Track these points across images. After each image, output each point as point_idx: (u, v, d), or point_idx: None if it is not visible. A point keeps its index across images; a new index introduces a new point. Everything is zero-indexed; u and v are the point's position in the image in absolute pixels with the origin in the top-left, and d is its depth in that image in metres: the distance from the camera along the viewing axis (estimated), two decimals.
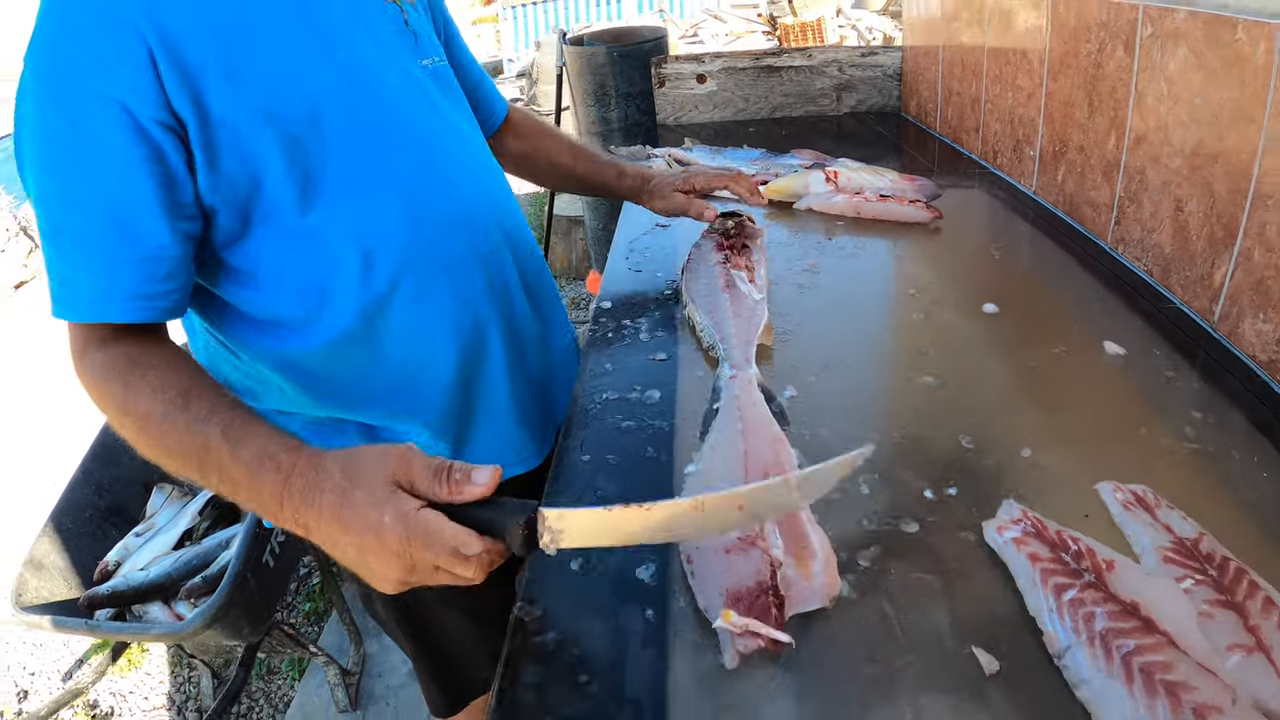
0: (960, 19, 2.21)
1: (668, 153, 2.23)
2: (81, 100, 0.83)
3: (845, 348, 1.26)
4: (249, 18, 0.91)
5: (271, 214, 0.96)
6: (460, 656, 1.35)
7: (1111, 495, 0.87)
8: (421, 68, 1.12)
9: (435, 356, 1.09)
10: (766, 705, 0.69)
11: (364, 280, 1.01)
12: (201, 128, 0.88)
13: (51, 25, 0.85)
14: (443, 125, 1.11)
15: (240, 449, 0.80)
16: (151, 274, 0.89)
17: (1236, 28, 1.15)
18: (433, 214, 1.06)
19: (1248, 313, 1.18)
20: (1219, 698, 0.63)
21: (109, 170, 0.85)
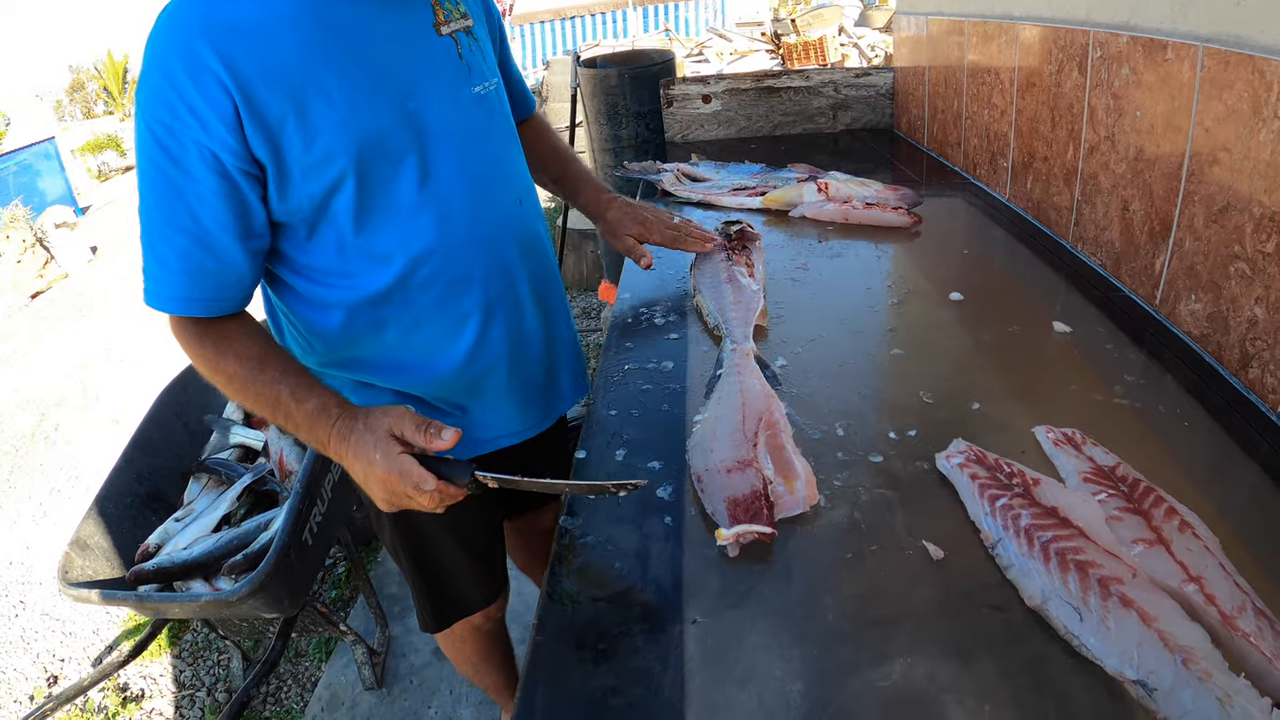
0: (943, 43, 2.40)
1: (676, 167, 2.40)
2: (182, 145, 1.04)
3: (828, 328, 1.44)
4: (317, 69, 1.08)
5: (331, 231, 1.17)
6: (450, 580, 1.58)
7: (1045, 435, 1.04)
8: (472, 95, 1.26)
9: (447, 346, 1.29)
10: (759, 582, 0.89)
11: (399, 283, 1.21)
12: (277, 169, 1.09)
13: (155, 78, 1.03)
14: (482, 152, 1.27)
15: (303, 404, 1.10)
16: (223, 281, 1.13)
17: (1167, 49, 1.33)
18: (461, 235, 1.24)
19: (1183, 295, 1.34)
20: (1121, 572, 0.80)
21: (199, 201, 1.07)
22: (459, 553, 1.55)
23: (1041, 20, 1.79)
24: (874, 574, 0.88)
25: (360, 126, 1.11)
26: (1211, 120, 1.24)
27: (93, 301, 8.64)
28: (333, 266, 1.20)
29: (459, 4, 1.29)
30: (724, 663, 0.80)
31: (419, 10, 1.21)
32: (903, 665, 0.77)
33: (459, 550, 1.54)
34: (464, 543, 1.54)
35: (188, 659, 2.86)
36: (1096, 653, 0.74)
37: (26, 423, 5.66)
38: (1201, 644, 0.72)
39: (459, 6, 1.29)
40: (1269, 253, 1.13)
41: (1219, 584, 0.78)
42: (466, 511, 1.27)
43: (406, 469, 1.00)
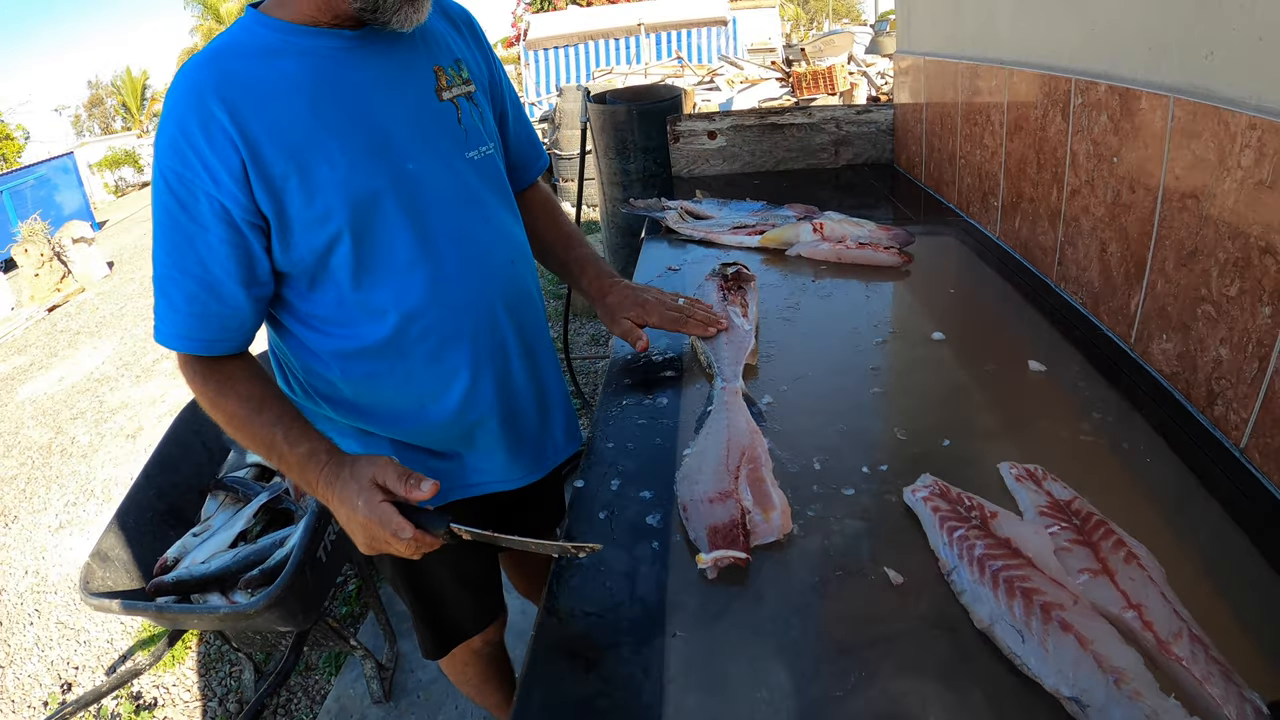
0: (938, 83, 2.49)
1: (680, 205, 2.49)
2: (193, 195, 1.14)
3: (814, 367, 1.51)
4: (320, 131, 1.17)
5: (330, 283, 1.26)
6: (447, 608, 1.64)
7: (1008, 471, 1.11)
8: (466, 160, 1.34)
9: (439, 398, 1.37)
10: (734, 602, 0.97)
11: (393, 338, 1.30)
12: (279, 223, 1.18)
13: (172, 130, 1.13)
14: (476, 214, 1.36)
15: (295, 447, 1.19)
16: (226, 324, 1.22)
17: (1141, 99, 1.41)
18: (452, 294, 1.31)
19: (1155, 334, 1.41)
20: (1063, 599, 0.87)
21: (207, 249, 1.16)
22: (454, 582, 1.61)
23: (1028, 66, 1.87)
24: (838, 596, 0.95)
25: (357, 188, 1.20)
26: (1181, 168, 1.30)
27: (108, 317, 8.78)
28: (333, 316, 1.29)
29: (461, 70, 1.37)
30: (700, 672, 0.88)
31: (421, 77, 1.30)
32: (859, 678, 0.84)
33: (454, 580, 1.61)
34: (459, 572, 1.61)
35: (200, 670, 2.94)
36: (1036, 671, 0.81)
37: (43, 435, 5.76)
38: (1134, 666, 0.79)
39: (461, 73, 1.37)
40: (1233, 296, 1.19)
41: (1158, 611, 0.85)
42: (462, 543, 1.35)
43: (386, 516, 1.09)
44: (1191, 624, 0.84)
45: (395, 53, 1.27)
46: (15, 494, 4.92)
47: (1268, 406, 1.12)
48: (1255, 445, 1.15)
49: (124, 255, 12.37)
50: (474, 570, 1.64)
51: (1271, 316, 1.10)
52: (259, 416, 1.21)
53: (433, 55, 1.33)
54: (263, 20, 1.21)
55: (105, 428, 5.62)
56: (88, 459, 5.17)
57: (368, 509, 1.09)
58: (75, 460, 5.20)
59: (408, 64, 1.29)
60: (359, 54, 1.23)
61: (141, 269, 11.04)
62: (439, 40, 1.36)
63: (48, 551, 4.18)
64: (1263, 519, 1.06)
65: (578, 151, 4.62)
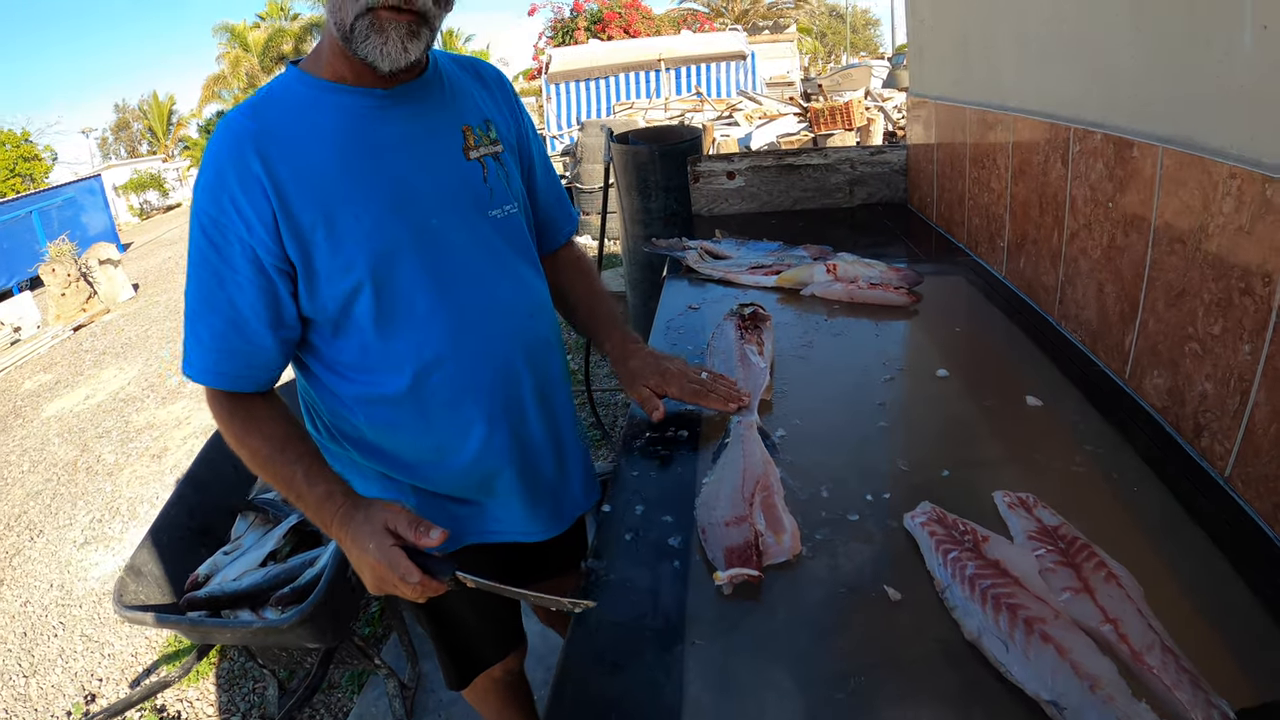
0: (948, 126, 2.59)
1: (700, 245, 2.59)
2: (226, 239, 1.22)
3: (824, 402, 1.60)
4: (348, 185, 1.25)
5: (354, 331, 1.32)
6: (468, 639, 1.70)
7: (1001, 499, 1.20)
8: (489, 218, 1.40)
9: (457, 448, 1.42)
10: (748, 615, 1.06)
11: (412, 387, 1.36)
12: (305, 270, 1.26)
13: (210, 176, 1.22)
14: (495, 269, 1.41)
15: (314, 487, 1.25)
16: (252, 362, 1.29)
17: (1134, 147, 1.50)
18: (470, 347, 1.37)
19: (1148, 370, 1.49)
20: (1045, 614, 0.95)
21: (237, 290, 1.24)
22: (473, 614, 1.66)
23: (1031, 113, 1.97)
24: (842, 611, 1.04)
25: (380, 240, 1.27)
26: (1169, 214, 1.39)
27: (134, 339, 8.94)
28: (356, 363, 1.35)
29: (490, 130, 1.44)
30: (717, 677, 0.96)
31: (449, 136, 1.37)
32: (858, 682, 0.93)
33: (473, 612, 1.66)
34: (478, 604, 1.64)
35: (224, 685, 3.03)
36: (1019, 678, 0.89)
37: (69, 452, 5.89)
38: (1108, 673, 0.86)
39: (490, 133, 1.43)
40: (1216, 334, 1.27)
41: (1133, 626, 0.93)
42: None
43: (395, 560, 1.15)
44: (1165, 637, 0.92)
45: (424, 112, 1.35)
46: (41, 509, 5.05)
47: (1249, 437, 1.20)
48: (1238, 474, 1.23)
49: (149, 278, 12.58)
50: (492, 601, 1.63)
51: (1251, 353, 1.18)
52: (281, 455, 1.28)
53: (461, 115, 1.40)
54: (301, 77, 1.29)
55: (131, 447, 5.74)
56: (113, 477, 5.29)
57: (378, 551, 1.16)
58: (101, 478, 5.32)
59: (436, 123, 1.36)
60: (390, 112, 1.30)
61: (166, 292, 11.23)
62: (469, 100, 1.43)
63: (73, 566, 4.29)
64: (1243, 542, 1.13)
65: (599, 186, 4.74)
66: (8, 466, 5.88)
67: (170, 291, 11.24)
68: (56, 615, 3.85)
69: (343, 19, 1.19)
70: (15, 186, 27.09)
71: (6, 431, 6.69)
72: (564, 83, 14.60)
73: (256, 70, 29.41)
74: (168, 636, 3.43)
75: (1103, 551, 1.06)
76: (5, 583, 4.26)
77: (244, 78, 29.47)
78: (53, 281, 10.26)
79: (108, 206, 17.20)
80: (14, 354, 9.06)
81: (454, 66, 1.47)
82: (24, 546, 4.62)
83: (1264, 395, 1.16)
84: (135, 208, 26.62)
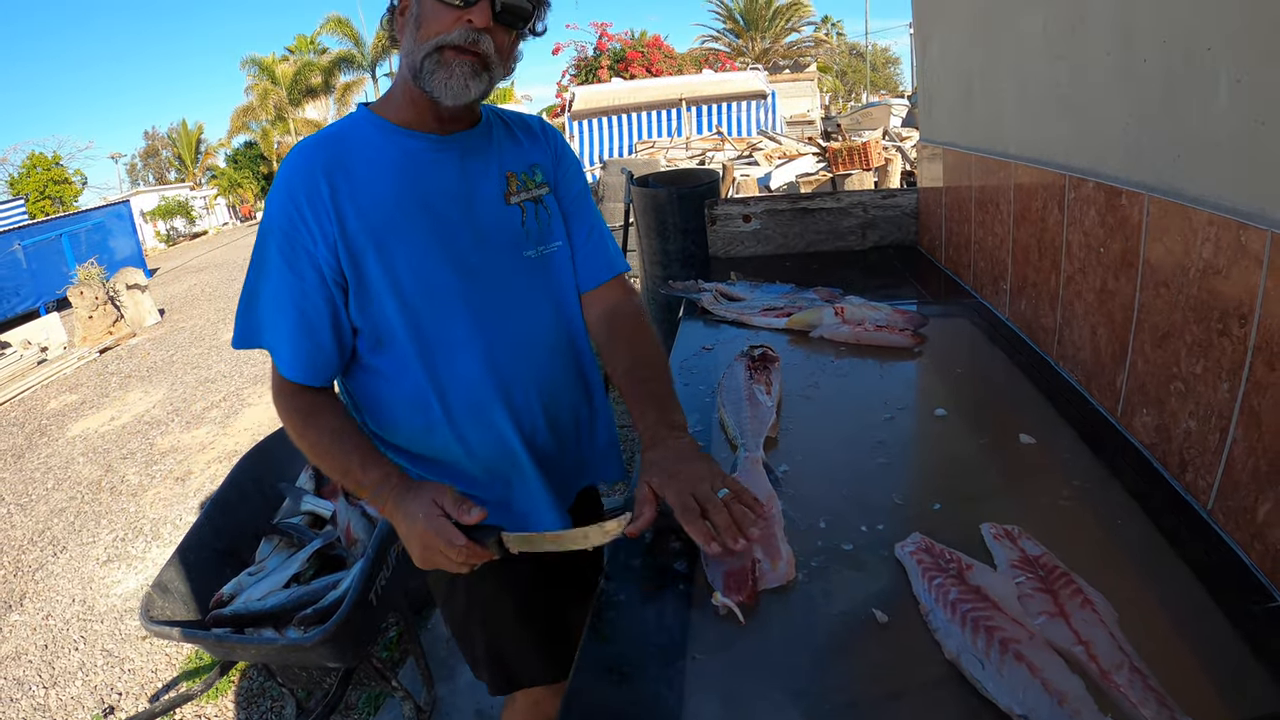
0: (955, 172, 2.68)
1: (715, 287, 2.68)
2: (295, 251, 1.35)
3: (827, 440, 1.68)
4: (398, 219, 1.38)
5: (395, 350, 1.44)
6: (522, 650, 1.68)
7: (988, 531, 1.26)
8: (524, 259, 1.51)
9: (477, 454, 1.52)
10: (745, 633, 1.13)
11: (440, 401, 1.47)
12: (358, 288, 1.39)
13: (284, 194, 1.35)
14: (530, 306, 1.53)
15: (370, 471, 1.38)
16: (316, 361, 1.41)
17: (1122, 195, 1.57)
18: (499, 373, 1.48)
19: (1137, 408, 1.56)
20: (1020, 635, 1.02)
21: (303, 296, 1.37)
22: (532, 633, 1.66)
23: (1031, 161, 2.05)
24: (832, 631, 1.12)
25: (423, 272, 1.40)
26: (1155, 260, 1.46)
27: (160, 363, 9.08)
28: (396, 376, 1.46)
29: (535, 174, 1.56)
30: (715, 688, 1.03)
31: (493, 181, 1.49)
32: (845, 696, 1.00)
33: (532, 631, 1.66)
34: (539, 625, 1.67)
35: (243, 703, 3.09)
36: (992, 693, 0.95)
37: (93, 472, 5.99)
38: (1076, 690, 0.93)
39: (534, 177, 1.55)
40: (1198, 374, 1.34)
41: (1103, 647, 0.99)
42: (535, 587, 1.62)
43: (442, 528, 1.27)
44: (1134, 658, 0.98)
45: (472, 158, 1.48)
46: (64, 526, 5.14)
47: (1228, 472, 1.26)
48: (1219, 507, 1.29)
49: (174, 304, 12.77)
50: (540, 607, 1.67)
51: (1229, 392, 1.25)
52: (338, 445, 1.40)
53: (505, 161, 1.52)
54: (370, 117, 1.44)
55: (155, 469, 5.84)
56: (137, 498, 5.39)
57: (426, 521, 1.28)
58: (124, 498, 5.42)
59: (481, 169, 1.48)
60: (442, 155, 1.44)
61: (191, 319, 11.40)
62: (516, 149, 1.55)
63: (95, 582, 4.37)
64: (1222, 571, 1.19)
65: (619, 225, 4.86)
66: (32, 484, 6.00)
67: (195, 318, 11.43)
68: (78, 629, 3.92)
69: (414, 58, 1.34)
70: (45, 209, 27.69)
71: (32, 449, 6.81)
72: (587, 120, 14.77)
73: (284, 103, 29.93)
74: (188, 654, 3.50)
75: (1081, 579, 1.12)
76: (28, 596, 4.34)
77: (271, 110, 29.98)
78: (80, 304, 10.46)
79: (135, 232, 17.53)
80: (40, 374, 9.22)
81: (504, 119, 1.59)
82: (47, 561, 4.71)
83: (1241, 432, 1.23)
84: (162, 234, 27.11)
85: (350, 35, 30.87)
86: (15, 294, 13.75)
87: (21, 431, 7.41)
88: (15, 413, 8.12)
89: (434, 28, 1.32)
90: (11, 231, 14.57)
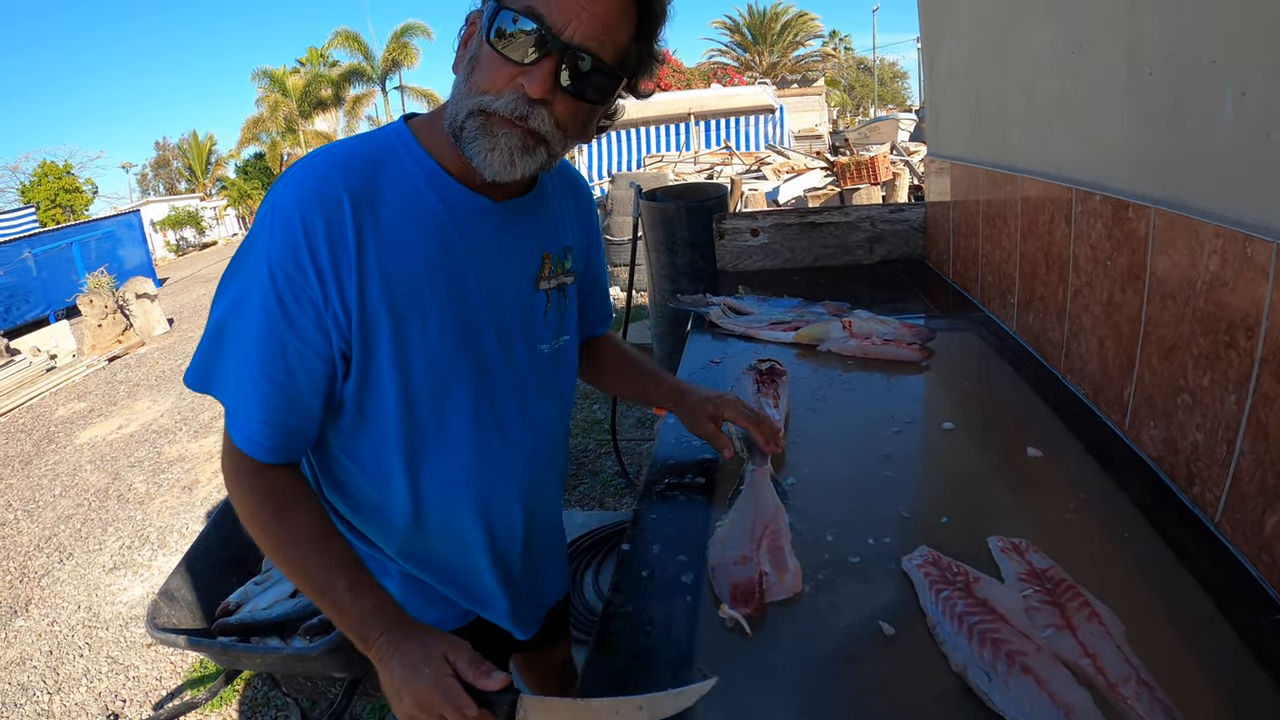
0: (963, 186, 2.68)
1: (724, 301, 2.69)
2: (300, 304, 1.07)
3: (834, 453, 1.68)
4: (425, 294, 1.14)
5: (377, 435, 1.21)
6: None
7: (995, 544, 1.26)
8: (537, 352, 1.33)
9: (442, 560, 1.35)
10: (752, 645, 1.13)
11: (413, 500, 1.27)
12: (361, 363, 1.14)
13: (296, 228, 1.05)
14: (533, 410, 1.34)
15: (361, 599, 1.11)
16: (294, 437, 1.15)
17: (1129, 208, 1.57)
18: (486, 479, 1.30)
19: (1144, 421, 1.55)
20: (1027, 648, 1.02)
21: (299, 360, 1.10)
22: None
23: (1038, 175, 2.06)
24: (838, 643, 1.11)
25: (436, 361, 1.19)
26: (1161, 272, 1.46)
27: (168, 372, 9.12)
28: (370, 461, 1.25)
29: (567, 258, 1.37)
30: (722, 701, 1.02)
31: (529, 262, 1.30)
32: (852, 708, 1.00)
33: None
34: None
35: (247, 713, 3.10)
36: (999, 706, 0.95)
37: (100, 479, 6.01)
38: (1083, 702, 0.93)
39: (565, 262, 1.37)
40: (1205, 386, 1.33)
41: (1110, 659, 0.99)
42: None
43: (451, 690, 1.01)
44: (1141, 670, 0.98)
45: (516, 231, 1.26)
46: (71, 532, 5.16)
47: (1236, 484, 1.26)
48: (1227, 520, 1.28)
49: (183, 313, 12.83)
50: None
51: (1236, 404, 1.24)
52: (318, 558, 1.13)
53: (544, 241, 1.32)
54: (413, 150, 1.16)
55: (162, 478, 5.86)
56: (144, 506, 5.40)
57: (434, 679, 1.02)
58: (131, 506, 5.43)
59: (522, 246, 1.28)
60: (486, 226, 1.21)
61: (200, 328, 11.36)
62: (559, 225, 1.36)
63: (101, 589, 4.38)
64: (1230, 584, 1.19)
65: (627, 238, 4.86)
66: (40, 490, 6.02)
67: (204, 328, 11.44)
68: (83, 636, 3.93)
69: (457, 111, 1.09)
70: (56, 217, 27.87)
71: (40, 456, 6.84)
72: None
73: (294, 115, 30.07)
74: (192, 662, 3.50)
75: (1088, 592, 1.12)
76: (34, 602, 4.36)
77: (282, 122, 30.12)
78: (90, 312, 10.51)
79: (145, 241, 17.62)
80: (49, 381, 9.26)
81: (559, 183, 1.39)
82: (53, 568, 4.72)
83: (1248, 444, 1.22)
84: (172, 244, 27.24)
85: (360, 49, 31.01)
86: (25, 301, 13.82)
87: (30, 438, 7.44)
88: (24, 419, 8.16)
89: (483, 81, 1.06)
90: (22, 239, 14.67)
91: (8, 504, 5.85)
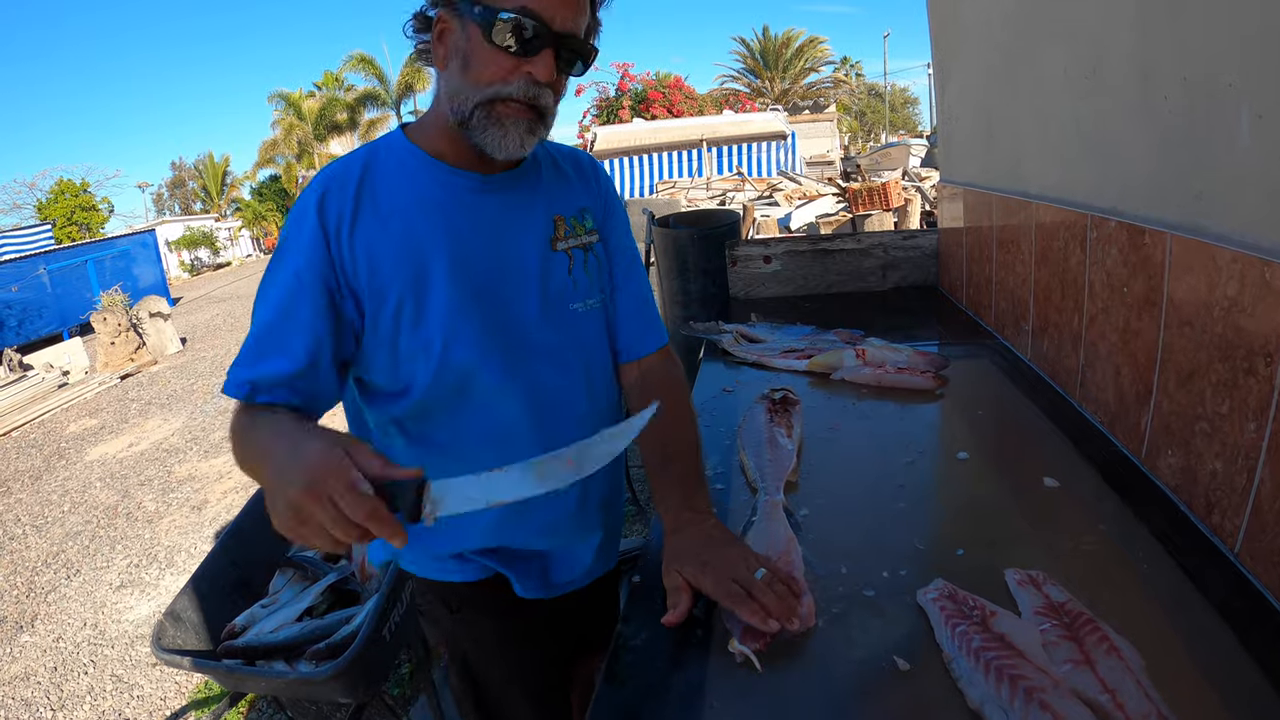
0: (976, 212, 2.67)
1: (736, 329, 2.68)
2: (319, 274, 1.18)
3: (848, 483, 1.66)
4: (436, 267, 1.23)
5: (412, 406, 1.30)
6: None
7: (1012, 576, 1.24)
8: (570, 311, 1.38)
9: None
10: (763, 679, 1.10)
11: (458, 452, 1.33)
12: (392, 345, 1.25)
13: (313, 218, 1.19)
14: (569, 367, 1.39)
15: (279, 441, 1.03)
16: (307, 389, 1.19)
17: (1145, 234, 1.56)
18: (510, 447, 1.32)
19: (1162, 450, 1.53)
20: (1045, 684, 0.99)
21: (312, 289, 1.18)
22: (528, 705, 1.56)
23: (1052, 201, 2.05)
24: (852, 678, 1.09)
25: (460, 326, 1.26)
26: (1179, 298, 1.44)
27: (180, 391, 9.13)
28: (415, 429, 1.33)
29: (585, 219, 1.42)
30: None
31: (540, 226, 1.36)
32: None
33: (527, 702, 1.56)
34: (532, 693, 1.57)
35: None
36: None
37: (110, 497, 6.01)
38: None
39: (585, 222, 1.42)
40: (1224, 413, 1.31)
41: (1131, 695, 0.96)
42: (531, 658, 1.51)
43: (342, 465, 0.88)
44: (1162, 706, 0.95)
45: (517, 199, 1.34)
46: (79, 549, 5.15)
47: (1256, 513, 1.23)
48: (1247, 549, 1.26)
49: (196, 333, 12.87)
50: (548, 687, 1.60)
51: (1256, 431, 1.22)
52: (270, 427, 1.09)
53: (554, 204, 1.39)
54: (407, 145, 1.29)
55: (171, 497, 5.85)
56: (153, 524, 5.39)
57: (326, 451, 0.90)
58: (140, 524, 5.42)
59: (528, 212, 1.35)
60: (486, 198, 1.30)
61: (212, 348, 11.48)
62: (566, 189, 1.43)
63: (107, 607, 4.37)
64: (1250, 615, 1.16)
65: None
66: (49, 506, 6.03)
67: (216, 348, 11.50)
68: (88, 653, 3.92)
69: (461, 106, 1.20)
70: (72, 234, 28.14)
71: (50, 472, 6.85)
72: (608, 160, 14.89)
73: (309, 138, 30.28)
74: (197, 683, 3.48)
75: (1106, 625, 1.09)
76: (40, 618, 4.35)
77: (296, 145, 30.33)
78: (103, 330, 10.57)
79: (160, 260, 17.77)
80: (61, 397, 9.30)
81: (554, 155, 1.46)
82: (60, 584, 4.71)
83: (1269, 472, 1.20)
84: (186, 263, 27.43)
85: (375, 73, 31.21)
86: (39, 317, 13.95)
87: (40, 454, 7.47)
88: (35, 435, 8.19)
89: (487, 74, 1.18)
90: (38, 255, 14.85)
91: (17, 519, 5.86)
